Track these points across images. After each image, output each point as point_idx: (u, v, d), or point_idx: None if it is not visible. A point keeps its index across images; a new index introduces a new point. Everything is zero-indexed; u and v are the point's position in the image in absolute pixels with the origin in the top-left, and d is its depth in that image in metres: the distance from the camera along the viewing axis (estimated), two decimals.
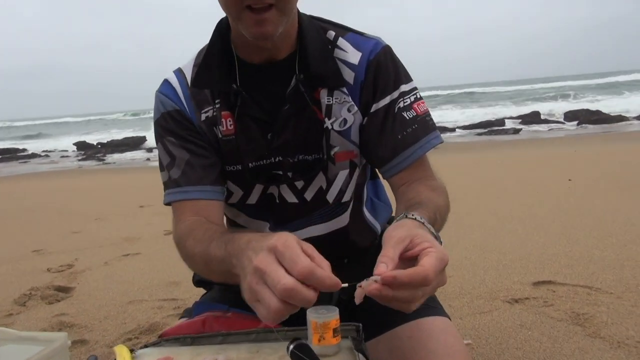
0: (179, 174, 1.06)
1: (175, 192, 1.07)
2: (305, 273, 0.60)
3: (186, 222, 1.02)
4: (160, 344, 0.98)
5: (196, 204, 1.05)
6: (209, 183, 1.06)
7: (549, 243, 2.86)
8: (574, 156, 6.80)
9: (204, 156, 1.06)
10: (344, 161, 1.08)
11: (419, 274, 0.64)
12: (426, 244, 0.69)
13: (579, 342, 1.67)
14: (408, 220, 0.79)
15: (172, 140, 1.07)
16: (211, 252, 0.83)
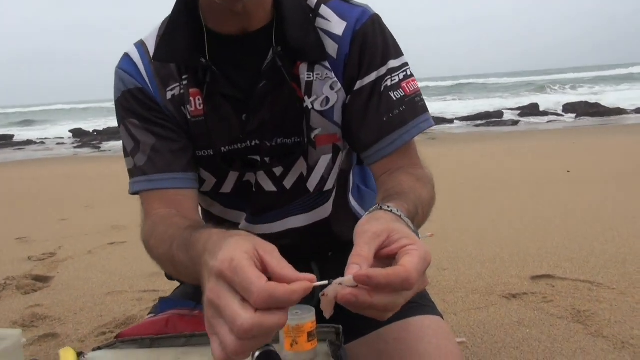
0: (145, 161, 0.95)
1: (141, 181, 0.96)
2: (264, 300, 0.48)
3: (153, 218, 0.91)
4: (115, 345, 0.88)
5: (165, 194, 0.94)
6: (179, 170, 0.95)
7: (548, 236, 2.76)
8: (572, 148, 6.73)
9: (172, 140, 0.95)
10: (326, 145, 0.97)
11: (398, 275, 0.53)
12: (406, 240, 0.59)
13: (580, 341, 1.57)
14: (382, 212, 0.68)
15: (135, 123, 0.96)
16: (174, 255, 0.74)
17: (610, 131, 9.20)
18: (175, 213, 0.91)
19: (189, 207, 0.96)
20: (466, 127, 12.53)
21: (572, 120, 12.60)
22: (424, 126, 0.96)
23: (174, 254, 0.74)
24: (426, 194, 0.87)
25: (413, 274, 0.53)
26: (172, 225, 0.82)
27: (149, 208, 0.95)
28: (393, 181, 0.91)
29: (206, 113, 0.93)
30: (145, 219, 0.95)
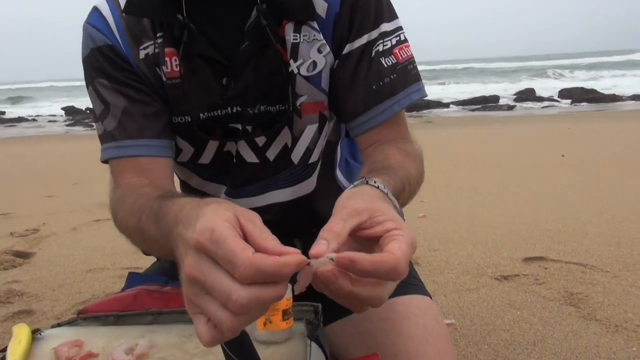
0: (115, 125, 0.87)
1: (110, 148, 0.88)
2: (250, 275, 0.42)
3: (122, 188, 0.84)
4: (76, 322, 0.81)
5: (137, 163, 0.87)
6: (153, 135, 0.87)
7: (541, 218, 2.71)
8: (567, 133, 6.68)
9: (145, 103, 0.87)
10: (312, 114, 0.90)
11: (386, 263, 0.46)
12: (391, 224, 0.52)
13: (572, 324, 1.52)
14: (368, 187, 0.61)
15: (105, 83, 0.87)
16: (144, 228, 0.67)
17: (606, 117, 9.17)
18: (147, 182, 0.84)
19: (163, 177, 0.88)
20: (462, 111, 12.46)
21: (568, 105, 12.56)
22: (416, 96, 0.89)
23: (143, 227, 0.67)
24: (414, 171, 0.80)
25: (402, 263, 0.47)
26: (142, 195, 0.76)
27: (118, 178, 0.88)
28: (380, 154, 0.84)
29: (183, 75, 0.86)
30: (114, 189, 0.87)
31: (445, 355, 0.86)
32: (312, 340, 0.68)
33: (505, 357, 1.36)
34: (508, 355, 1.37)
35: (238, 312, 0.43)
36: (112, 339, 0.74)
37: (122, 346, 0.70)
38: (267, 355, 0.67)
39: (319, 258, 0.48)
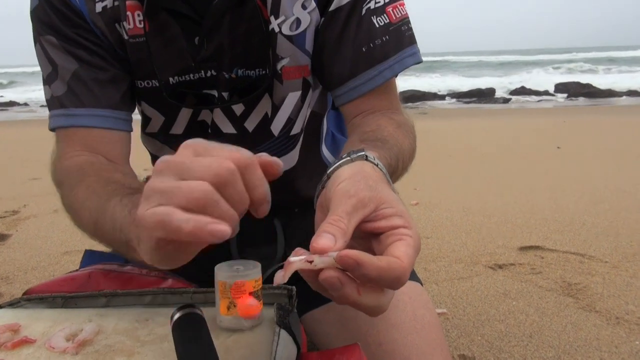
0: (64, 90, 0.77)
1: (59, 116, 0.78)
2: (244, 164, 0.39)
3: (74, 160, 0.75)
4: (19, 304, 0.72)
5: (88, 135, 0.77)
6: (108, 105, 0.78)
7: (537, 208, 2.63)
8: (563, 126, 6.62)
9: (99, 67, 0.77)
10: (295, 79, 0.81)
11: (393, 271, 0.40)
12: (398, 220, 0.45)
13: (571, 315, 1.44)
14: (369, 166, 0.52)
15: (53, 42, 0.77)
16: (109, 211, 0.60)
17: (601, 111, 9.13)
18: (104, 162, 0.75)
19: (118, 154, 0.79)
20: (457, 103, 12.38)
21: (564, 100, 12.52)
22: (410, 61, 0.79)
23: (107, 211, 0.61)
24: (407, 145, 0.72)
25: (408, 272, 0.41)
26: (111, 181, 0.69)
27: (67, 149, 0.78)
28: (371, 124, 0.74)
29: (148, 33, 0.75)
30: (59, 158, 0.77)
31: (434, 345, 0.78)
32: (281, 327, 0.59)
33: (500, 348, 1.28)
34: (502, 347, 1.29)
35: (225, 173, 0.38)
36: (56, 323, 0.65)
37: (64, 331, 0.61)
38: (229, 344, 0.58)
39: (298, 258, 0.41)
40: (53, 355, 0.57)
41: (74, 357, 0.56)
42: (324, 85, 0.84)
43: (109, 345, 0.59)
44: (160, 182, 0.39)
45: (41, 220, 2.77)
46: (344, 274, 0.40)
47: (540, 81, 15.59)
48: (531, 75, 18.03)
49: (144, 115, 0.86)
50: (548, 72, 19.94)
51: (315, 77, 0.84)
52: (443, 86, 15.42)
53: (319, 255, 0.41)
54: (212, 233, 0.35)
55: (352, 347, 0.62)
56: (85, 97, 0.77)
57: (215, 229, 0.35)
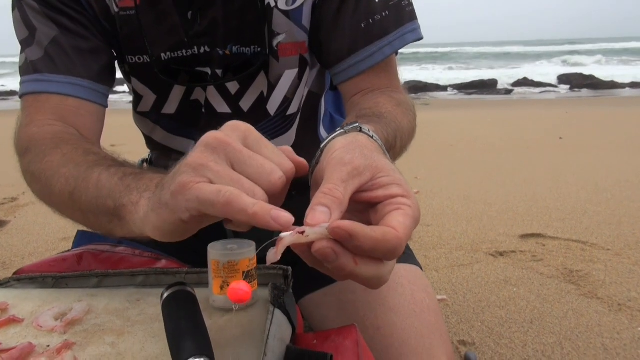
0: (40, 56, 0.73)
1: (31, 81, 0.74)
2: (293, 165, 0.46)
3: (46, 128, 0.69)
4: (8, 284, 0.70)
5: (62, 103, 0.72)
6: (87, 76, 0.74)
7: (539, 196, 2.61)
8: (565, 117, 6.58)
9: (81, 35, 0.73)
10: (291, 57, 0.78)
11: (388, 242, 0.38)
12: (396, 189, 0.43)
13: (572, 302, 1.42)
14: (363, 137, 0.50)
15: (34, 6, 0.73)
16: (92, 179, 0.56)
17: (604, 103, 9.08)
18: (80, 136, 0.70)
19: (91, 129, 0.75)
20: (459, 94, 12.32)
21: (566, 91, 12.45)
22: (410, 37, 0.76)
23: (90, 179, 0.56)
24: (407, 123, 0.69)
25: (404, 242, 0.39)
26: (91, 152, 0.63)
27: (36, 116, 0.72)
28: (369, 101, 0.72)
29: (139, 6, 0.73)
30: (26, 125, 0.72)
31: (433, 329, 0.76)
32: (275, 306, 0.57)
33: (500, 334, 1.26)
34: (503, 332, 1.27)
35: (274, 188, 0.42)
36: (45, 303, 0.63)
37: (52, 310, 0.59)
38: (222, 324, 0.56)
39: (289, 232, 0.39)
40: (40, 334, 0.55)
41: (62, 336, 0.54)
42: (322, 62, 0.82)
43: (98, 325, 0.57)
44: (214, 162, 0.40)
45: (39, 208, 2.75)
46: (339, 244, 0.38)
47: (543, 72, 15.52)
48: (534, 66, 17.93)
49: (135, 93, 0.84)
50: (551, 63, 19.83)
51: (313, 54, 0.81)
52: (445, 77, 15.35)
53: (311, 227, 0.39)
54: (276, 219, 0.38)
55: (348, 328, 0.60)
56: (62, 64, 0.73)
57: (279, 215, 0.38)
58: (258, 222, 0.38)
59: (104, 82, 0.76)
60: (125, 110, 9.91)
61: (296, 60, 0.79)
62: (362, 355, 0.56)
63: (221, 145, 0.41)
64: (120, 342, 0.53)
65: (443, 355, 0.73)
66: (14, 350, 0.49)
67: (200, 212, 0.39)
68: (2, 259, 1.92)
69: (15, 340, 0.53)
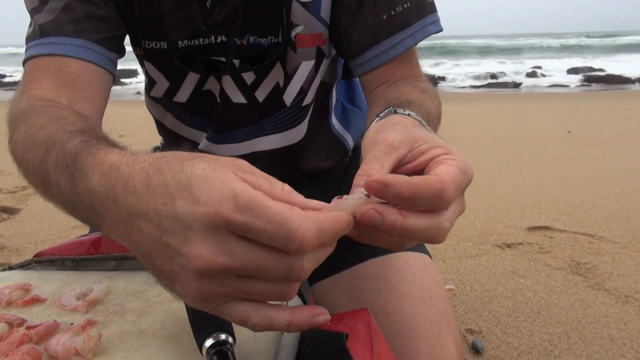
0: (49, 19, 0.69)
1: (35, 45, 0.69)
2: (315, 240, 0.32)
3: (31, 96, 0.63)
4: (29, 266, 0.72)
5: (63, 66, 0.66)
6: (95, 39, 0.69)
7: (547, 189, 2.61)
8: (574, 111, 6.53)
9: (96, 4, 0.71)
10: (309, 48, 0.78)
11: (429, 186, 0.36)
12: (437, 150, 0.42)
13: (579, 293, 1.43)
14: (396, 116, 0.50)
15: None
16: (48, 172, 0.47)
17: (614, 97, 8.99)
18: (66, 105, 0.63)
19: (91, 97, 0.68)
20: (467, 87, 12.26)
21: (575, 84, 12.35)
22: (431, 29, 0.76)
23: (48, 171, 0.46)
24: (434, 109, 0.68)
25: (449, 187, 0.36)
26: (55, 120, 0.53)
27: (32, 83, 0.66)
28: (394, 91, 0.71)
29: None
30: (20, 95, 0.65)
31: (442, 316, 0.77)
32: None
33: (507, 324, 1.28)
34: (510, 322, 1.28)
35: (300, 280, 0.34)
36: (66, 284, 0.65)
37: (74, 291, 0.61)
38: None
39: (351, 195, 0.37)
40: (63, 312, 0.57)
41: (84, 315, 0.56)
42: (343, 54, 0.82)
43: (118, 305, 0.59)
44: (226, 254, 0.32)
45: None
46: (379, 204, 0.36)
47: (553, 65, 15.39)
48: (543, 59, 17.78)
49: (148, 77, 0.83)
50: (560, 56, 19.65)
51: (333, 46, 0.81)
52: (453, 70, 15.26)
53: None
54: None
55: (361, 311, 0.62)
56: (72, 26, 0.68)
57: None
58: None
59: (114, 50, 0.73)
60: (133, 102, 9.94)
61: (313, 51, 0.79)
62: (375, 337, 0.58)
63: (222, 269, 0.33)
64: (141, 321, 0.55)
65: (451, 342, 0.74)
66: (40, 327, 0.51)
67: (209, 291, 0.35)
68: (16, 245, 1.95)
69: (39, 318, 0.55)
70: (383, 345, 0.60)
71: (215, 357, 0.40)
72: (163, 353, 0.48)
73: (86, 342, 0.46)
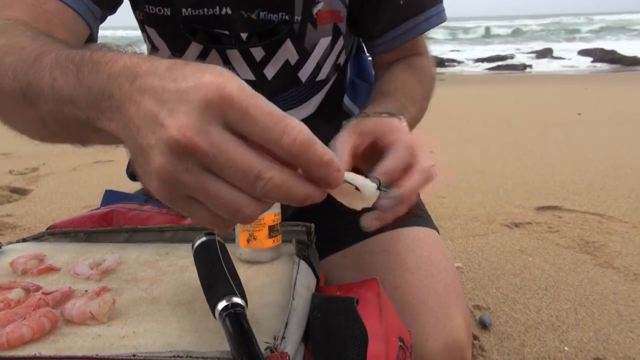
0: None
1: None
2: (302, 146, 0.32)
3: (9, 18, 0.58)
4: (43, 238, 0.73)
5: (44, 2, 0.62)
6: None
7: (556, 170, 2.60)
8: (584, 93, 6.45)
9: None
10: (327, 24, 0.78)
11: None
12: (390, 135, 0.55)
13: (587, 271, 1.43)
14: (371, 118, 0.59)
15: None
16: (39, 73, 0.43)
17: (625, 79, 8.86)
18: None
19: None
20: (476, 69, 12.13)
21: (587, 66, 12.18)
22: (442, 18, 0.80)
23: (39, 72, 0.43)
24: (419, 91, 0.75)
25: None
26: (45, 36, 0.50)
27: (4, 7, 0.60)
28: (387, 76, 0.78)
29: None
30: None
31: (450, 290, 0.77)
32: (300, 258, 0.59)
33: (515, 300, 1.28)
34: (518, 299, 1.29)
35: (264, 197, 0.32)
36: (79, 255, 0.66)
37: (87, 260, 0.62)
38: (249, 275, 0.59)
39: None
40: (77, 281, 0.58)
41: (98, 283, 0.57)
42: (362, 35, 0.84)
43: (131, 274, 0.60)
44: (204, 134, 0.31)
45: (60, 178, 2.82)
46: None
47: (563, 47, 15.19)
48: (553, 40, 17.53)
49: (151, 43, 0.81)
50: (571, 37, 19.36)
51: (350, 27, 0.82)
52: (462, 52, 15.10)
53: None
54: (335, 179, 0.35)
55: (370, 281, 0.62)
56: None
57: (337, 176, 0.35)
58: None
59: (101, 5, 0.69)
60: None
61: (331, 28, 0.79)
62: (384, 306, 0.58)
63: (193, 149, 0.32)
64: (154, 289, 0.55)
65: (459, 315, 0.74)
66: (56, 293, 0.52)
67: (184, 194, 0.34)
68: (28, 224, 1.98)
69: (54, 286, 0.56)
70: (392, 314, 0.61)
71: (228, 319, 0.40)
72: (176, 317, 0.49)
73: (101, 307, 0.47)
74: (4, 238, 1.82)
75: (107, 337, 0.45)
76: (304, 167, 0.33)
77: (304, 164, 0.33)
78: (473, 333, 1.14)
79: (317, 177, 0.33)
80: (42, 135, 0.49)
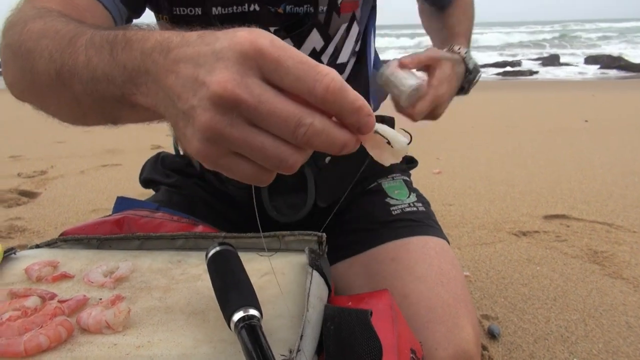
0: None
1: None
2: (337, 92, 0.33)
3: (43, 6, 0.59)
4: (56, 244, 0.73)
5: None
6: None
7: (563, 178, 2.58)
8: (591, 100, 6.42)
9: None
10: (347, 13, 0.82)
11: None
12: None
13: (596, 281, 1.43)
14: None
15: None
16: (74, 53, 0.44)
17: (632, 85, 8.82)
18: None
19: None
20: (483, 75, 12.13)
21: (593, 73, 12.14)
22: None
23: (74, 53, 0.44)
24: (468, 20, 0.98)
25: None
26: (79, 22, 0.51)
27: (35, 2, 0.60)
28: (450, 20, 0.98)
29: None
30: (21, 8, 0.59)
31: (459, 300, 0.77)
32: (314, 268, 0.59)
33: (523, 310, 1.28)
34: (526, 309, 1.28)
35: (305, 144, 0.34)
36: (92, 262, 0.66)
37: (101, 268, 0.62)
38: (261, 284, 0.59)
39: None
40: (91, 288, 0.58)
41: (112, 291, 0.57)
42: None
43: (144, 282, 0.60)
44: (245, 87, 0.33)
45: (68, 181, 2.83)
46: None
47: (570, 53, 15.15)
48: (560, 47, 17.49)
49: None
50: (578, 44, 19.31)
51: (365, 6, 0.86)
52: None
53: None
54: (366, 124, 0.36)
55: (381, 292, 0.62)
56: None
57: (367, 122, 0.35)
58: None
59: (128, 5, 0.70)
60: None
61: (349, 16, 0.83)
62: (395, 317, 0.59)
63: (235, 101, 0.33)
64: (167, 298, 0.56)
65: (468, 324, 0.74)
66: (71, 301, 0.52)
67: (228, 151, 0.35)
68: (37, 228, 1.99)
69: (68, 293, 0.56)
70: (403, 326, 0.61)
71: (244, 331, 0.41)
72: (190, 327, 0.49)
73: (116, 316, 0.48)
74: (13, 241, 1.83)
75: (123, 347, 0.45)
76: (337, 113, 0.34)
77: (337, 110, 0.34)
78: (482, 343, 1.14)
79: (349, 123, 0.35)
80: (76, 115, 0.51)
